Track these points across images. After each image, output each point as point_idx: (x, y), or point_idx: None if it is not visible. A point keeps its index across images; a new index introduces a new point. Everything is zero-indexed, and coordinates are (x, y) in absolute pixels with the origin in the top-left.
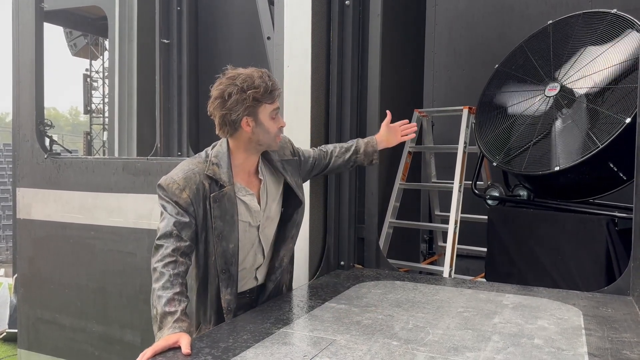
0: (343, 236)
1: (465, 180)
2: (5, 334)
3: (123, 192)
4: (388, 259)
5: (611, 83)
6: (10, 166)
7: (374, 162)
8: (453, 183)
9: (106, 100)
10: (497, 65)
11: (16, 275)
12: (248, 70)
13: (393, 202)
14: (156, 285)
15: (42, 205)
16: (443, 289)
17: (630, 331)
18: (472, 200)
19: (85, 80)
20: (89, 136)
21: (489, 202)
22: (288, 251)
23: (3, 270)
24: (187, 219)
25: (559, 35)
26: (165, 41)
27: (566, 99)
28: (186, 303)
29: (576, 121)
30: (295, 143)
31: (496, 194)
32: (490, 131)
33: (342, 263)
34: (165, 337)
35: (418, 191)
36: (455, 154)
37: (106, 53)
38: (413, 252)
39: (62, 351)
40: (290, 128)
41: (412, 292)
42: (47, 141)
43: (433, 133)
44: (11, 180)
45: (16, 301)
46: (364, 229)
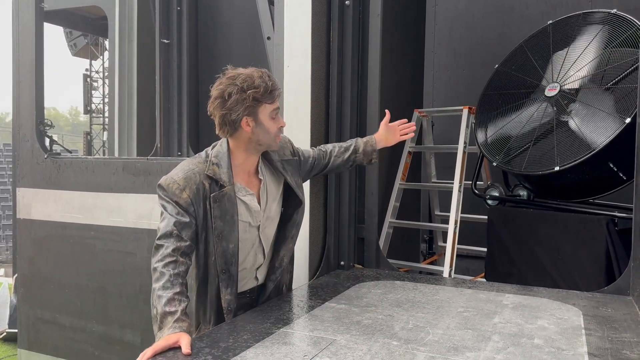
0: (343, 236)
1: (465, 180)
2: (5, 334)
3: (123, 192)
4: (388, 259)
5: (611, 83)
6: (10, 166)
7: (373, 162)
8: (453, 183)
9: (106, 100)
10: (497, 65)
11: (16, 275)
12: (248, 70)
13: (393, 202)
14: (156, 285)
15: (42, 205)
16: (443, 289)
17: (630, 331)
18: (472, 200)
19: (85, 80)
20: (89, 136)
21: (489, 202)
22: (288, 251)
23: (3, 270)
24: (188, 219)
25: (559, 35)
26: (165, 41)
27: (566, 99)
28: (186, 303)
29: (576, 121)
30: (295, 143)
31: (496, 194)
32: (490, 131)
33: (342, 263)
34: (165, 337)
35: (418, 191)
36: (455, 154)
37: (106, 53)
38: (413, 252)
39: (62, 351)
40: (290, 128)
41: (412, 292)
42: (47, 141)
43: (433, 133)
44: (11, 180)
45: (16, 301)
46: (364, 229)
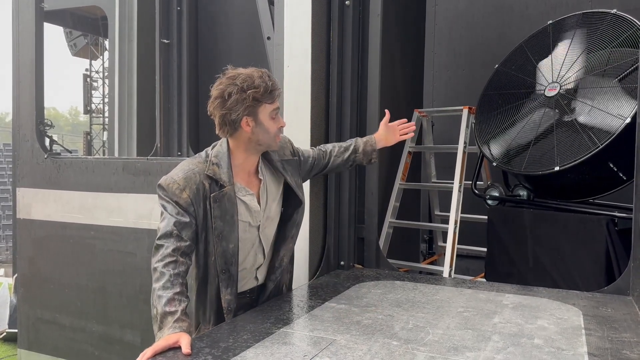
0: (343, 236)
1: (465, 180)
2: (5, 334)
3: (123, 192)
4: (388, 259)
5: (611, 83)
6: (10, 166)
7: (373, 161)
8: (453, 183)
9: (106, 100)
10: (497, 65)
11: (16, 275)
12: (248, 70)
13: (393, 202)
14: (156, 285)
15: (42, 205)
16: (443, 289)
17: (630, 331)
18: (472, 200)
19: (85, 80)
20: (89, 136)
21: (489, 202)
22: (288, 251)
23: (3, 270)
24: (188, 219)
25: (559, 35)
26: (165, 41)
27: (566, 99)
28: (186, 303)
29: (576, 121)
30: (295, 143)
31: (496, 194)
32: (490, 131)
33: (342, 263)
34: (165, 337)
35: (418, 191)
36: (455, 154)
37: (106, 53)
38: (413, 252)
39: (62, 351)
40: (290, 128)
41: (412, 292)
42: (47, 141)
43: (433, 133)
44: (11, 180)
45: (16, 301)
46: (364, 229)
